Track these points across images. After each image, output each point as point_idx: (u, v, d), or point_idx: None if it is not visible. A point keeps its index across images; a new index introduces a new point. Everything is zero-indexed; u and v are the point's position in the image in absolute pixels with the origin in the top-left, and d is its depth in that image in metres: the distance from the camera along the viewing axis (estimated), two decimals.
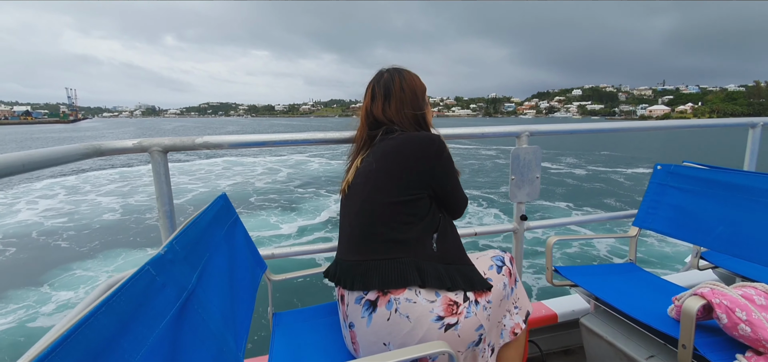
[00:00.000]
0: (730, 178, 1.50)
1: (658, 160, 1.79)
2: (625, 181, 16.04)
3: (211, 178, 17.22)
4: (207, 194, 13.92)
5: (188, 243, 0.85)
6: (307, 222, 10.00)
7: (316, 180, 16.47)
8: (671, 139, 38.15)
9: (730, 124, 2.26)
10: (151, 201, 12.64)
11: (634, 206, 1.85)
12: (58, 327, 0.79)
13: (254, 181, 16.46)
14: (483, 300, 1.09)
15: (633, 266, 1.73)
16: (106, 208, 11.88)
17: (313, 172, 18.61)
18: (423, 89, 1.29)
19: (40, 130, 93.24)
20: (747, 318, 0.98)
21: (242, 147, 1.43)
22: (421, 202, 1.12)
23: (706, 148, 30.22)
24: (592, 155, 24.43)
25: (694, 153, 27.52)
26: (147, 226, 9.91)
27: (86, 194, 14.13)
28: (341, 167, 1.32)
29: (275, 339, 1.27)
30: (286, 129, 37.92)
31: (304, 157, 23.92)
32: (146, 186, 15.18)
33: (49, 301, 6.20)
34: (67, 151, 1.04)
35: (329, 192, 13.77)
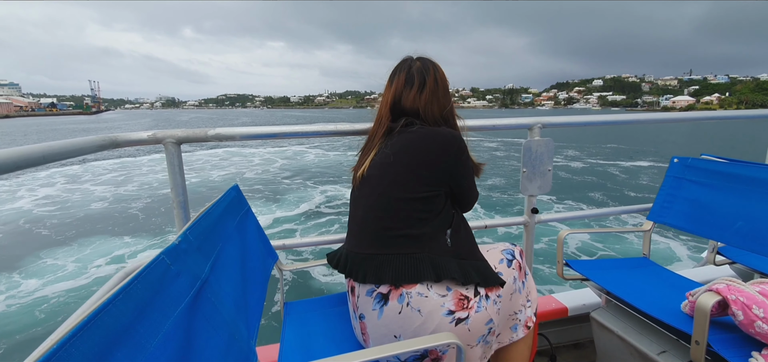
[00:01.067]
0: (751, 172, 1.46)
1: (676, 152, 1.75)
2: (640, 174, 15.70)
3: (206, 168, 17.43)
4: (198, 184, 14.15)
5: (201, 233, 0.87)
6: (284, 214, 10.05)
7: (305, 170, 16.50)
8: (693, 131, 37.04)
9: (753, 115, 2.18)
10: (139, 191, 12.97)
11: (649, 200, 1.81)
12: (79, 313, 0.82)
13: (245, 172, 16.61)
14: (493, 295, 1.09)
15: (646, 260, 1.70)
16: (98, 198, 12.18)
17: (306, 163, 18.61)
18: (449, 84, 1.28)
19: (62, 121, 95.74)
20: (764, 316, 0.96)
21: (254, 139, 1.44)
22: (437, 199, 1.11)
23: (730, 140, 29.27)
24: (607, 147, 23.93)
25: (716, 145, 26.69)
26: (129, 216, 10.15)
27: (83, 182, 14.57)
28: (338, 158, 1.31)
29: (286, 327, 1.30)
30: (297, 120, 37.43)
31: (302, 147, 23.94)
32: (144, 176, 15.55)
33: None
34: (85, 143, 1.07)
35: (316, 184, 13.82)
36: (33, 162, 0.88)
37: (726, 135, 34.07)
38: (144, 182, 14.50)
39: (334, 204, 11.09)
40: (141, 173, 16.28)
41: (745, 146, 24.42)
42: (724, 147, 25.28)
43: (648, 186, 13.42)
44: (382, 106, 1.26)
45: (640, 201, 1.94)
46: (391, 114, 1.23)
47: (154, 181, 14.76)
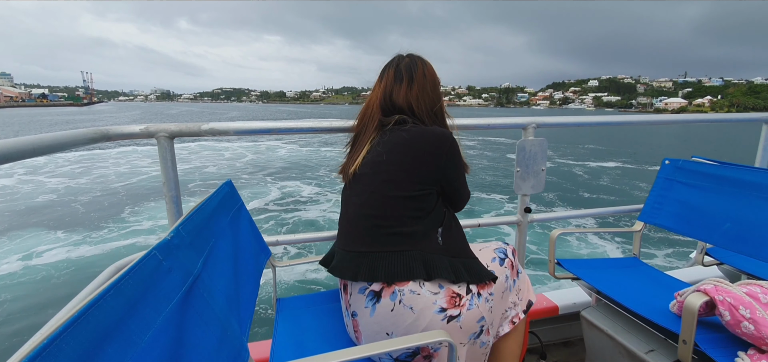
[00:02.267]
0: (740, 175, 1.48)
1: (667, 154, 1.76)
2: (632, 175, 15.83)
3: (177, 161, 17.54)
4: (155, 177, 14.10)
5: (194, 228, 0.86)
6: None
7: (269, 166, 16.49)
8: (685, 133, 37.37)
9: (743, 118, 2.21)
10: (92, 185, 12.88)
11: (640, 201, 1.83)
12: (69, 308, 0.82)
13: (208, 166, 16.58)
14: (485, 292, 1.10)
15: (636, 261, 1.72)
16: (50, 190, 12.10)
17: (275, 158, 18.56)
18: (439, 81, 1.28)
19: (49, 113, 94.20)
20: (751, 316, 0.97)
21: (248, 134, 1.44)
22: (429, 197, 1.12)
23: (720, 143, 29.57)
24: (600, 148, 24.07)
25: (707, 148, 26.98)
26: None
27: (39, 174, 14.44)
28: (311, 154, 1.31)
29: (278, 323, 1.30)
30: (289, 116, 37.27)
31: (275, 142, 23.80)
32: (104, 169, 15.45)
33: None
34: (76, 136, 1.06)
35: (275, 180, 13.82)
36: (25, 154, 0.87)
37: (718, 137, 34.45)
38: (100, 175, 14.41)
39: (287, 202, 11.14)
40: (104, 166, 16.19)
41: (736, 148, 24.70)
42: (716, 149, 25.57)
43: (639, 187, 13.55)
44: (371, 103, 1.26)
45: (632, 202, 1.96)
46: (382, 110, 1.23)
47: (112, 174, 14.65)
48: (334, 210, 10.27)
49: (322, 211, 10.22)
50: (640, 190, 13.19)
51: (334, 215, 9.86)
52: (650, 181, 13.94)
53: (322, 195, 11.94)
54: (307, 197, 11.66)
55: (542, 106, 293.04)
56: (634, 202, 1.93)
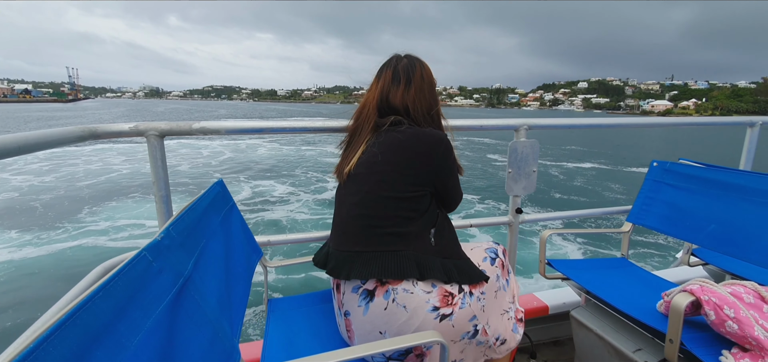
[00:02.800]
0: (725, 177, 1.51)
1: (655, 156, 1.79)
2: (622, 177, 16.04)
3: (147, 159, 17.34)
4: (130, 175, 14.05)
5: (185, 229, 0.85)
6: None
7: (243, 165, 16.36)
8: (673, 135, 38.01)
9: (729, 122, 2.26)
10: (57, 183, 12.68)
11: (629, 202, 1.86)
12: (56, 310, 0.80)
13: (181, 164, 16.47)
14: (477, 291, 1.11)
15: (625, 261, 1.75)
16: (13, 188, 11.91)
17: (252, 157, 18.41)
18: (436, 83, 1.28)
19: (29, 109, 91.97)
20: (735, 316, 1.00)
21: (239, 133, 1.43)
22: (423, 199, 1.12)
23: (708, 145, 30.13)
24: (591, 150, 24.36)
25: (694, 150, 27.48)
26: None
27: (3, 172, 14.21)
28: (291, 154, 1.30)
29: (270, 324, 1.29)
30: (279, 114, 37.02)
31: (256, 141, 23.54)
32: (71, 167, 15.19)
33: None
34: (64, 134, 1.04)
35: (249, 179, 13.76)
36: (9, 152, 0.86)
37: (703, 139, 35.06)
38: (67, 174, 14.20)
39: (257, 201, 11.07)
40: (73, 163, 15.94)
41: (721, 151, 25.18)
42: (702, 151, 26.04)
43: (628, 189, 13.75)
44: (367, 102, 1.26)
45: (620, 203, 1.98)
46: (378, 111, 1.23)
47: (78, 173, 14.44)
48: (303, 210, 10.23)
49: (289, 211, 10.17)
50: (628, 192, 13.39)
51: (301, 215, 9.85)
52: (636, 182, 14.11)
53: (293, 195, 11.90)
54: (277, 197, 11.61)
55: (533, 107, 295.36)
56: (622, 204, 1.96)
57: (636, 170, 17.76)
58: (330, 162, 17.63)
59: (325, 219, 9.42)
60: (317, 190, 12.26)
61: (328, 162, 17.65)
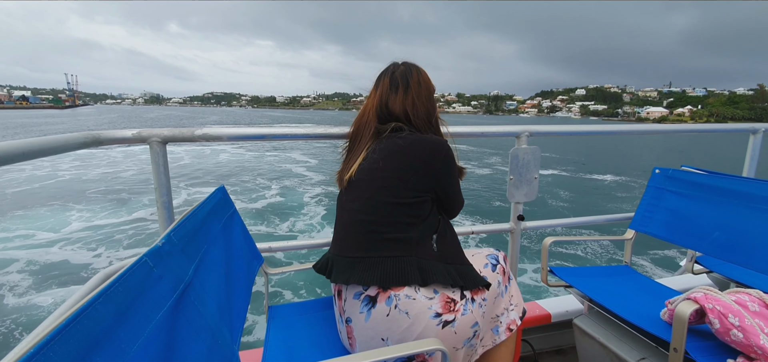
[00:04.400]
0: (729, 184, 1.51)
1: (650, 163, 1.79)
2: (623, 184, 16.03)
3: (119, 162, 17.36)
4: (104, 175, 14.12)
5: (186, 235, 0.85)
6: (117, 220, 9.81)
7: (204, 170, 16.31)
8: (670, 142, 38.09)
9: (732, 129, 2.26)
10: None
11: (631, 209, 1.85)
12: (57, 316, 0.79)
13: (130, 169, 16.45)
14: (479, 298, 1.10)
15: (628, 269, 1.74)
16: None
17: (213, 162, 18.36)
18: (434, 89, 1.30)
19: (20, 115, 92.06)
20: (740, 324, 0.99)
21: (241, 139, 1.43)
22: (424, 204, 1.13)
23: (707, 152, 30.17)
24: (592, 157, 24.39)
25: (693, 158, 27.53)
26: None
27: None
28: (275, 160, 1.30)
29: (270, 331, 1.28)
30: (275, 121, 36.83)
31: (222, 146, 23.16)
32: None
33: None
34: (67, 140, 1.04)
35: (209, 186, 13.66)
36: (13, 158, 0.86)
37: (703, 146, 35.12)
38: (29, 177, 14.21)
39: None
40: None
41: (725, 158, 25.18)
42: (701, 159, 26.07)
43: (630, 196, 13.74)
44: (366, 110, 1.27)
45: (622, 211, 1.98)
46: (378, 118, 1.24)
47: None
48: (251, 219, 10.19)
49: None
50: (631, 199, 13.38)
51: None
52: (636, 189, 14.08)
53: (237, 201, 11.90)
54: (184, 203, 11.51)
55: (531, 114, 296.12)
56: (624, 211, 1.95)
57: (637, 177, 17.77)
58: (287, 168, 17.66)
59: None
60: (258, 198, 12.17)
61: (284, 168, 17.65)
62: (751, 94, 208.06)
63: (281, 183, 14.45)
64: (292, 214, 10.42)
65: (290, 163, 19.28)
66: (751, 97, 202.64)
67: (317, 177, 15.96)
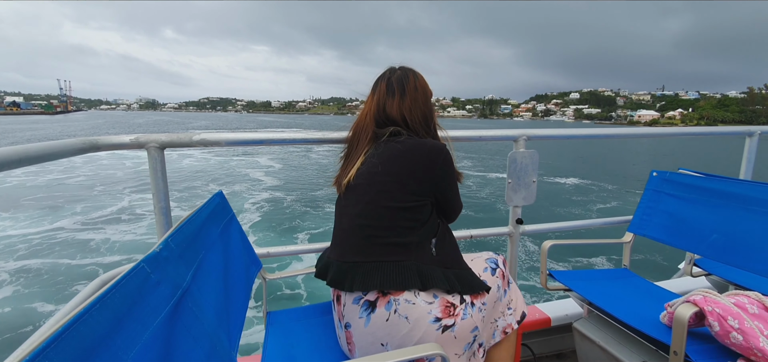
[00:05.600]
0: (726, 187, 1.52)
1: (643, 166, 1.80)
2: (621, 186, 16.11)
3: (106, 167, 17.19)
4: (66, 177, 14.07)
5: (183, 240, 0.85)
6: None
7: (184, 179, 16.11)
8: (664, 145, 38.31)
9: (728, 132, 2.27)
10: None
11: (629, 212, 1.85)
12: (52, 323, 0.78)
13: (117, 172, 16.51)
14: (478, 302, 1.10)
15: (627, 271, 1.74)
16: None
17: (176, 168, 18.30)
18: (431, 93, 1.30)
19: (11, 121, 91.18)
20: (739, 327, 0.99)
21: (239, 145, 1.43)
22: (423, 209, 1.13)
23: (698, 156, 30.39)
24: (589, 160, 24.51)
25: (685, 161, 27.73)
26: None
27: None
28: (238, 165, 1.29)
29: (269, 337, 1.27)
30: (267, 125, 36.63)
31: (190, 151, 22.84)
32: None
33: None
34: (64, 146, 1.04)
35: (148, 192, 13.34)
36: (11, 164, 0.86)
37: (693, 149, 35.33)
38: None
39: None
40: None
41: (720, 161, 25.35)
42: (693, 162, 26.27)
43: (629, 199, 13.81)
44: (364, 115, 1.28)
45: (620, 214, 1.98)
46: (376, 122, 1.24)
47: None
48: None
49: None
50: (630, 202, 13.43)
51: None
52: (639, 191, 14.19)
53: None
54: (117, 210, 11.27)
55: (525, 117, 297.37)
56: (622, 214, 1.96)
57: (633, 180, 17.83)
58: (244, 173, 17.52)
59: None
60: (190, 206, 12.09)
61: (241, 173, 17.47)
62: (743, 97, 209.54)
63: (230, 188, 14.29)
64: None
65: (253, 167, 19.08)
66: (741, 101, 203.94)
67: (271, 182, 15.79)
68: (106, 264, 7.41)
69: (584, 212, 12.11)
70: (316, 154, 23.36)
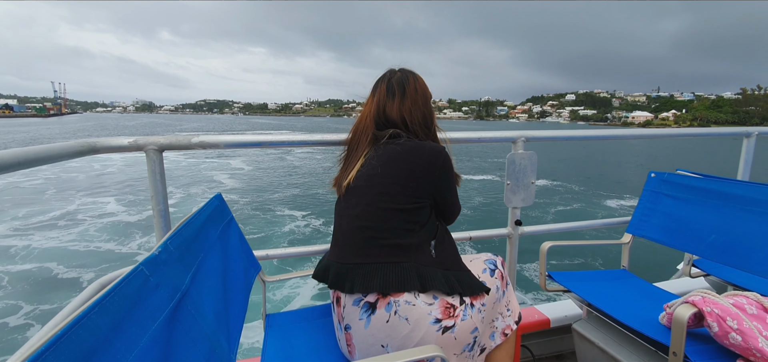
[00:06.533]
0: (724, 187, 1.52)
1: (638, 167, 1.81)
2: (620, 187, 16.15)
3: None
4: None
5: (182, 243, 0.85)
6: None
7: (123, 182, 15.77)
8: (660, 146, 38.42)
9: (725, 132, 2.28)
10: None
11: (628, 213, 1.86)
12: (51, 326, 0.77)
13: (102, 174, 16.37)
14: (478, 303, 1.10)
15: (626, 272, 1.74)
16: None
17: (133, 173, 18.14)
18: (431, 95, 1.31)
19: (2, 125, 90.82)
20: (738, 327, 0.99)
21: (237, 147, 1.43)
22: (423, 211, 1.13)
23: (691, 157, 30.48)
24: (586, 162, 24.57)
25: (680, 161, 27.82)
26: None
27: None
28: (207, 167, 1.28)
29: (268, 340, 1.27)
30: (262, 127, 36.38)
31: (179, 157, 22.55)
32: None
33: None
34: (62, 149, 1.03)
35: (108, 195, 13.34)
36: (9, 167, 0.85)
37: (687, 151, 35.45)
38: None
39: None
40: None
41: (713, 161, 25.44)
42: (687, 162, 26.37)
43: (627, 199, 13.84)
44: (364, 116, 1.28)
45: (618, 215, 1.99)
46: (376, 124, 1.25)
47: None
48: None
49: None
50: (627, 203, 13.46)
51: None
52: (637, 193, 14.32)
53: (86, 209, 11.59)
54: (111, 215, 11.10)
55: (521, 119, 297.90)
56: (620, 215, 1.96)
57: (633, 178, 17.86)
58: (209, 175, 17.33)
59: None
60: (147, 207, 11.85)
61: (206, 175, 17.23)
62: (737, 97, 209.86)
63: (187, 191, 14.10)
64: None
65: (221, 169, 18.88)
66: (735, 101, 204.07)
67: (233, 184, 15.66)
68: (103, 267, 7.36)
69: (582, 213, 12.13)
70: (297, 154, 23.02)
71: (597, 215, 11.75)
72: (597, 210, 12.65)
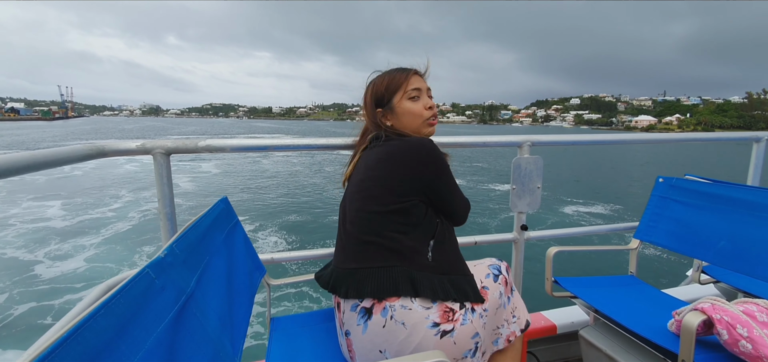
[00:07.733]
0: (734, 193, 1.50)
1: (644, 172, 1.80)
2: (627, 193, 16.02)
3: None
4: None
5: (188, 246, 0.85)
6: None
7: (93, 186, 15.52)
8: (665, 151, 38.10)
9: (734, 138, 2.26)
10: None
11: (636, 218, 1.84)
12: (57, 328, 0.78)
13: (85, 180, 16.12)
14: (479, 308, 1.08)
15: (634, 279, 1.72)
16: None
17: (123, 174, 17.98)
18: (387, 82, 1.28)
19: (4, 128, 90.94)
20: (748, 335, 0.97)
21: (244, 151, 1.44)
22: (415, 210, 1.10)
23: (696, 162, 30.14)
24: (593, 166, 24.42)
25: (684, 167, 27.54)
26: None
27: None
28: (175, 170, 1.28)
29: (272, 343, 1.27)
30: (262, 131, 36.51)
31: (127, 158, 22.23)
32: None
33: None
34: (71, 152, 1.04)
35: (64, 197, 13.10)
36: (18, 170, 0.86)
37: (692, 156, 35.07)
38: None
39: None
40: None
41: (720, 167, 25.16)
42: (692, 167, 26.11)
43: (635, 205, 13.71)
44: (366, 119, 1.32)
45: (626, 220, 1.97)
46: (372, 125, 1.27)
47: None
48: None
49: None
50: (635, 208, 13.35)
51: None
52: (644, 198, 14.32)
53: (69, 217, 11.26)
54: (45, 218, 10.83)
55: (525, 123, 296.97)
56: (630, 220, 1.94)
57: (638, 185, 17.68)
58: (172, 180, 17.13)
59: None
60: (100, 211, 11.59)
61: None
62: (743, 102, 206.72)
63: (138, 195, 13.82)
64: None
65: (193, 173, 18.63)
66: (740, 106, 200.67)
67: (190, 188, 15.41)
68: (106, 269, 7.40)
69: (589, 218, 12.05)
70: (298, 158, 22.56)
71: (603, 220, 11.66)
72: (603, 214, 12.54)
